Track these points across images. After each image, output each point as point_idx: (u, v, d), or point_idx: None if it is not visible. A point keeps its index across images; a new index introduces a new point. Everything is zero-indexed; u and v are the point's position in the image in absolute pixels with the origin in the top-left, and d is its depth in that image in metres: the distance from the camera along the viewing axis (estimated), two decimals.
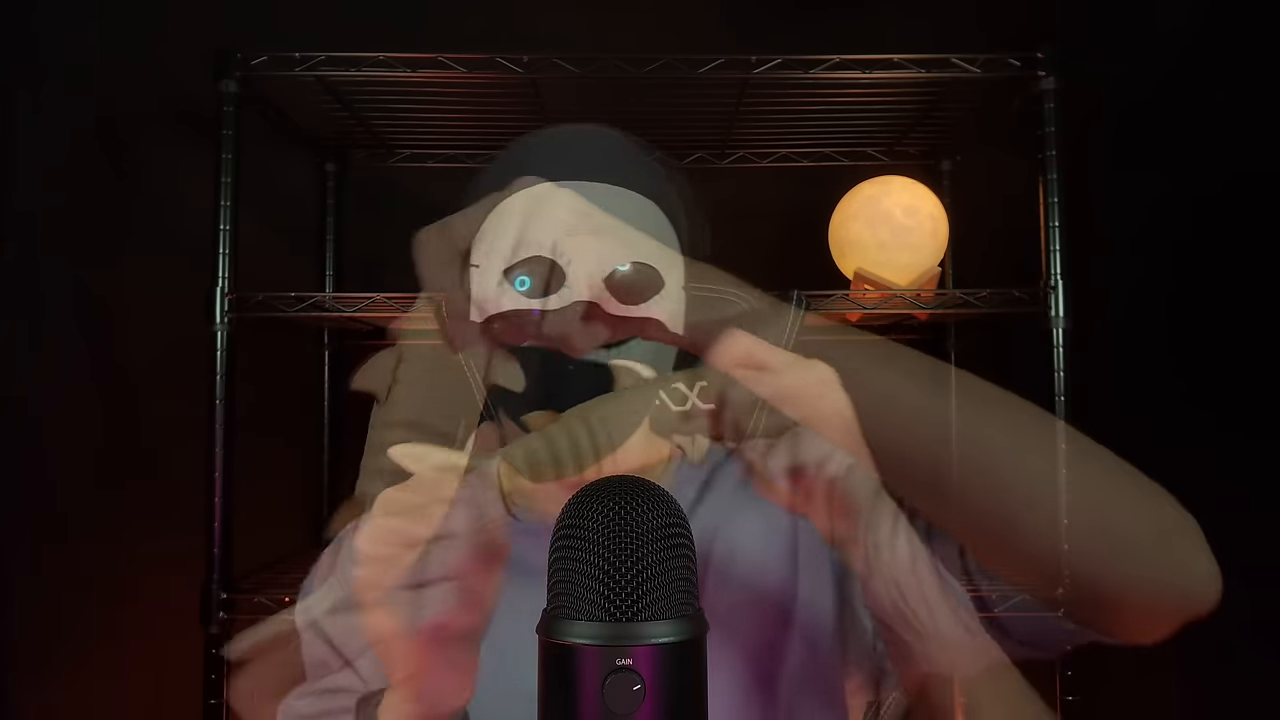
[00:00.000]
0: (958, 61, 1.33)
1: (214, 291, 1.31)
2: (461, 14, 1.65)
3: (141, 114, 1.64)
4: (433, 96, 1.44)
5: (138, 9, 1.60)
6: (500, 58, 1.32)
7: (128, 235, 1.62)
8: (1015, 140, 1.45)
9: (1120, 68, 1.62)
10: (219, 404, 1.31)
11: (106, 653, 1.56)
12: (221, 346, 1.31)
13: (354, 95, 1.45)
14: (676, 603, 0.47)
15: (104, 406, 1.62)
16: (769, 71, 1.33)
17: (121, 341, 1.62)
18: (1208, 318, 1.61)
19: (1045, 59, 1.34)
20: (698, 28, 1.69)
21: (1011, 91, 1.41)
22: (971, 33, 1.62)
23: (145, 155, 1.64)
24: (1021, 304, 1.35)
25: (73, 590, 1.56)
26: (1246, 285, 1.59)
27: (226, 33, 1.52)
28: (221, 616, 1.30)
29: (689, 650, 0.47)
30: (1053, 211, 1.34)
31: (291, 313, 1.32)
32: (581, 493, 0.50)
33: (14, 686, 1.55)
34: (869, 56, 1.33)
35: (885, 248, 1.40)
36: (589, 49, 1.34)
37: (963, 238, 1.56)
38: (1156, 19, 1.62)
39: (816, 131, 1.60)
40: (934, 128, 1.59)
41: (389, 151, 1.70)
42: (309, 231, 1.72)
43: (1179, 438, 1.40)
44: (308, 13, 1.63)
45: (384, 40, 1.39)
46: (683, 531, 0.49)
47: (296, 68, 1.32)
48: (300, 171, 1.71)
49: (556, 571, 0.48)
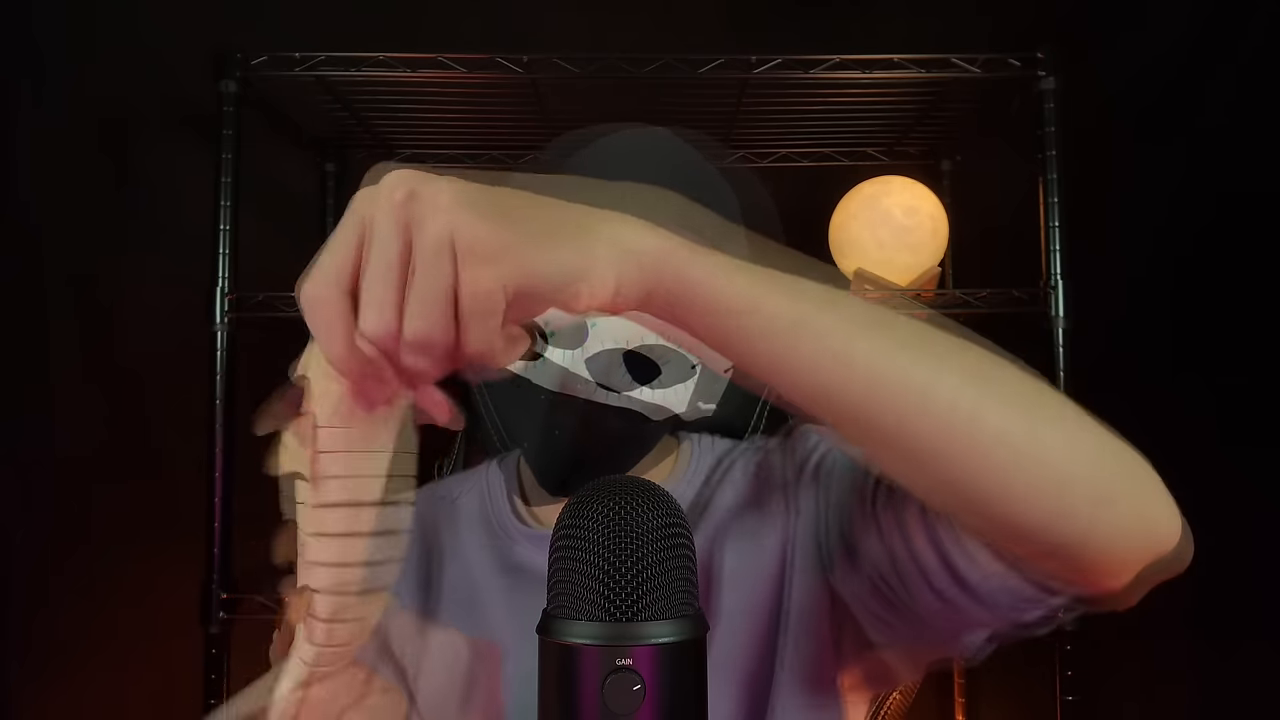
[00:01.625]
0: (958, 61, 1.34)
1: (214, 291, 1.31)
2: (461, 14, 1.64)
3: (141, 114, 1.64)
4: (433, 96, 1.44)
5: (138, 9, 1.60)
6: (500, 58, 1.32)
7: (128, 235, 1.62)
8: (1015, 140, 1.45)
9: (1121, 67, 1.62)
10: (219, 404, 1.31)
11: (106, 653, 1.56)
12: (221, 346, 1.31)
13: (354, 95, 1.45)
14: (676, 603, 0.47)
15: (104, 407, 1.62)
16: (769, 71, 1.33)
17: (122, 342, 1.62)
18: (1209, 317, 1.61)
19: (1045, 59, 1.34)
20: (698, 28, 1.69)
21: (1011, 91, 1.41)
22: (972, 33, 1.62)
23: (145, 155, 1.64)
24: (1021, 304, 1.35)
25: (73, 590, 1.56)
26: (1248, 285, 1.59)
27: (226, 33, 1.51)
28: (221, 616, 1.31)
29: (689, 650, 0.47)
30: (1053, 211, 1.35)
31: (291, 313, 1.32)
32: (582, 493, 0.50)
33: (14, 686, 1.54)
34: (869, 56, 1.33)
35: (885, 248, 1.40)
36: (589, 49, 1.34)
37: (963, 238, 1.56)
38: (1157, 19, 1.62)
39: (816, 131, 1.60)
40: (934, 128, 1.59)
41: (389, 151, 1.70)
42: (309, 231, 1.72)
43: (1179, 437, 1.39)
44: (308, 13, 1.63)
45: (384, 40, 1.39)
46: (683, 531, 0.49)
47: (296, 68, 1.32)
48: (300, 171, 1.71)
49: (556, 572, 0.48)
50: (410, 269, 0.43)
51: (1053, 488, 0.49)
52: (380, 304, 0.43)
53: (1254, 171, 1.58)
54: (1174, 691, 1.61)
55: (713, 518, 0.76)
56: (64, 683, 1.55)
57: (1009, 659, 0.67)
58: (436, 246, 0.42)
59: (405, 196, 0.44)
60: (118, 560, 1.57)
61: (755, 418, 0.88)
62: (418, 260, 0.43)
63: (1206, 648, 1.58)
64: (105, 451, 1.61)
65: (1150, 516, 0.51)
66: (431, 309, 0.42)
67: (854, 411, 0.49)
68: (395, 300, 0.43)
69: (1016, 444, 0.48)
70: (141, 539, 1.57)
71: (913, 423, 0.48)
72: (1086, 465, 0.50)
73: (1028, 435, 0.49)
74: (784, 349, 0.48)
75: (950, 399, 0.48)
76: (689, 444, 0.82)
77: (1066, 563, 0.52)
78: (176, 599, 1.43)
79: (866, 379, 0.48)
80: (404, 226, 0.43)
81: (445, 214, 0.43)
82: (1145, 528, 0.51)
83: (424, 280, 0.42)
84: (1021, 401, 0.50)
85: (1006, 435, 0.48)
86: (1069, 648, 1.33)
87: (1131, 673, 1.60)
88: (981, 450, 0.48)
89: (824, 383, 0.48)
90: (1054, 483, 0.49)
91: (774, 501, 0.74)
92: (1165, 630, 1.57)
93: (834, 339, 0.48)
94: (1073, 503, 0.49)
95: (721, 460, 0.81)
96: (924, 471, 0.51)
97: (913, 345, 0.49)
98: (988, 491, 0.49)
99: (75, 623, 1.56)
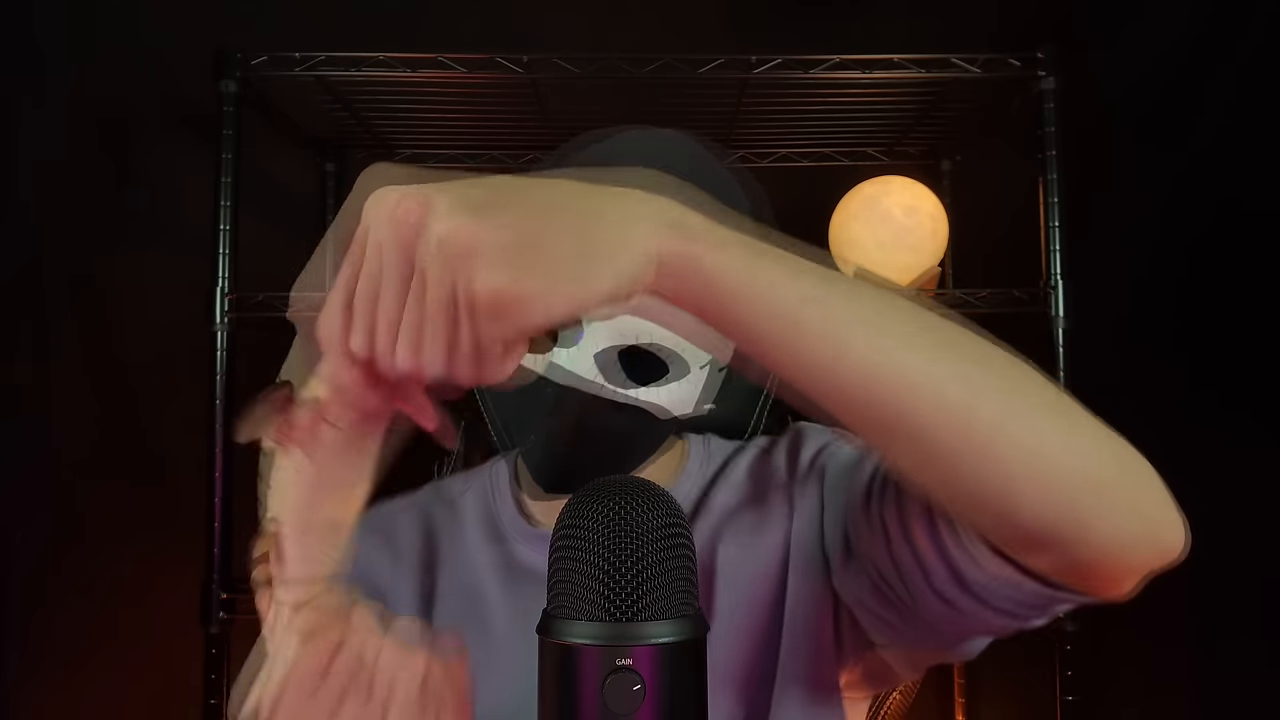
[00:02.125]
0: (958, 61, 1.33)
1: (214, 291, 1.31)
2: (461, 14, 1.64)
3: (141, 114, 1.64)
4: (433, 96, 1.44)
5: (138, 9, 1.60)
6: (500, 58, 1.32)
7: (128, 235, 1.62)
8: (1015, 140, 1.45)
9: (1121, 67, 1.62)
10: (219, 404, 1.31)
11: (106, 653, 1.56)
12: (221, 346, 1.31)
13: (354, 95, 1.45)
14: (676, 603, 0.47)
15: (105, 407, 1.62)
16: (769, 71, 1.33)
17: (122, 342, 1.62)
18: (1210, 317, 1.61)
19: (1045, 59, 1.34)
20: (698, 28, 1.69)
21: (1011, 91, 1.41)
22: (972, 33, 1.62)
23: (145, 155, 1.64)
24: (1021, 304, 1.35)
25: (72, 590, 1.56)
26: (1248, 284, 1.59)
27: (226, 33, 1.51)
28: (221, 616, 1.30)
29: (689, 650, 0.47)
30: (1053, 211, 1.34)
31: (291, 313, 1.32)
32: (581, 493, 0.50)
33: (13, 686, 1.54)
34: (869, 56, 1.33)
35: (885, 248, 1.40)
36: (589, 49, 1.34)
37: (963, 238, 1.56)
38: (1157, 18, 1.62)
39: (816, 131, 1.60)
40: (934, 128, 1.59)
41: (389, 151, 1.70)
42: (309, 231, 1.72)
43: (1180, 438, 1.39)
44: (308, 13, 1.63)
45: (384, 40, 1.39)
46: (683, 531, 0.49)
47: (296, 68, 1.32)
48: (300, 171, 1.71)
49: (556, 572, 0.48)
50: (418, 298, 0.43)
51: (1051, 480, 0.49)
52: (366, 333, 0.43)
53: (1254, 171, 1.58)
54: (1174, 691, 1.61)
55: (713, 516, 0.76)
56: (63, 683, 1.55)
57: (1009, 659, 0.67)
58: (442, 274, 0.42)
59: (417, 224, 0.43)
60: (117, 560, 1.57)
61: (756, 418, 0.87)
62: (415, 291, 0.43)
63: (1206, 648, 1.58)
64: (105, 451, 1.61)
65: (1150, 516, 0.51)
66: (429, 348, 0.43)
67: (851, 396, 0.49)
68: (387, 335, 0.43)
69: (1015, 435, 0.48)
70: (141, 539, 1.57)
71: (911, 411, 0.48)
72: (1086, 459, 0.50)
73: (1027, 427, 0.49)
74: (790, 327, 0.48)
75: (947, 387, 0.48)
76: (691, 444, 0.82)
77: (1068, 560, 0.52)
78: (176, 599, 1.43)
79: (864, 364, 0.48)
80: (406, 236, 0.43)
81: (463, 261, 0.42)
82: (1145, 527, 0.50)
83: (424, 316, 0.43)
84: (1023, 394, 0.50)
85: (1004, 426, 0.48)
86: (1069, 648, 1.33)
87: (1132, 673, 1.60)
88: (980, 440, 0.48)
89: (823, 365, 0.48)
90: (1052, 475, 0.49)
91: (774, 500, 0.74)
92: (1165, 631, 1.57)
93: (837, 321, 0.48)
94: (1073, 496, 0.49)
95: (723, 460, 0.80)
96: (926, 464, 0.51)
97: (915, 333, 0.49)
98: (987, 483, 0.49)
99: (75, 623, 1.56)
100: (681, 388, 0.72)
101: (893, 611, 0.64)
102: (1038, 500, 0.49)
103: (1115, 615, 0.56)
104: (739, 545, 0.73)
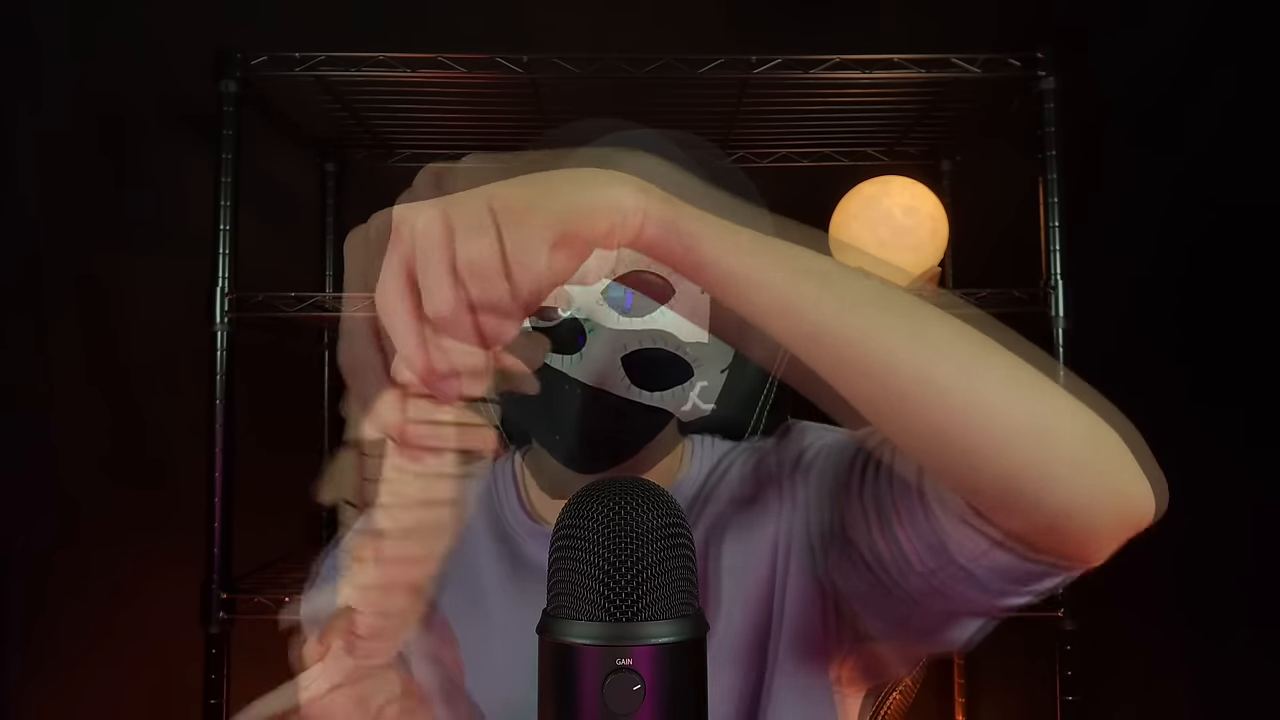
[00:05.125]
0: (958, 61, 1.34)
1: (214, 291, 1.31)
2: (461, 14, 1.65)
3: (141, 113, 1.64)
4: (433, 96, 1.44)
5: (138, 8, 1.60)
6: (500, 58, 1.32)
7: (128, 235, 1.62)
8: (1015, 140, 1.45)
9: (1121, 67, 1.62)
10: (219, 404, 1.31)
11: (106, 652, 1.56)
12: (221, 346, 1.31)
13: (354, 95, 1.45)
14: (676, 603, 0.47)
15: (105, 407, 1.62)
16: (769, 71, 1.33)
17: (123, 342, 1.62)
18: (1210, 316, 1.61)
19: (1045, 59, 1.34)
20: (698, 28, 1.69)
21: (1011, 91, 1.41)
22: (972, 33, 1.62)
23: (145, 155, 1.64)
24: (1021, 304, 1.35)
25: (73, 590, 1.56)
26: (1247, 283, 1.59)
27: (226, 32, 1.51)
28: (221, 616, 1.31)
29: (689, 650, 0.47)
30: (1053, 211, 1.34)
31: (291, 313, 1.32)
32: (581, 493, 0.50)
33: (14, 686, 1.54)
34: (869, 56, 1.33)
35: (885, 248, 1.40)
36: (589, 49, 1.34)
37: (963, 238, 1.56)
38: (1157, 18, 1.62)
39: (816, 131, 1.60)
40: (934, 128, 1.59)
41: (389, 151, 1.70)
42: (309, 231, 1.72)
43: (1181, 438, 1.39)
44: (307, 13, 1.63)
45: (384, 40, 1.39)
46: (683, 531, 0.49)
47: (296, 68, 1.32)
48: (300, 171, 1.71)
49: (556, 571, 0.48)
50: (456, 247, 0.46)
51: (1010, 434, 0.50)
52: (437, 284, 0.46)
53: (1253, 171, 1.58)
54: (1173, 691, 1.61)
55: (710, 513, 0.76)
56: (63, 682, 1.55)
57: (1009, 659, 0.67)
58: (477, 217, 0.46)
59: (434, 187, 0.48)
60: (117, 560, 1.57)
61: (755, 418, 0.88)
62: (459, 235, 0.46)
63: (1206, 647, 1.58)
64: (105, 451, 1.61)
65: (1116, 477, 0.52)
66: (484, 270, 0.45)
67: (814, 340, 0.51)
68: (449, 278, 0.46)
69: (975, 389, 0.50)
70: (141, 539, 1.57)
71: (864, 356, 0.51)
72: (1046, 418, 0.51)
73: (986, 383, 0.51)
74: (791, 294, 0.50)
75: (895, 336, 0.51)
76: (691, 444, 0.82)
77: (1032, 521, 0.53)
78: (176, 599, 1.42)
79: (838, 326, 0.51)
80: (442, 212, 0.46)
81: (477, 190, 0.47)
82: (1109, 487, 0.52)
83: (470, 248, 0.45)
84: (985, 355, 0.52)
85: (961, 381, 0.50)
86: (1069, 648, 1.33)
87: (1131, 672, 1.60)
88: (936, 389, 0.50)
89: (785, 310, 0.51)
90: (1011, 429, 0.50)
91: (768, 496, 0.75)
92: (1165, 630, 1.57)
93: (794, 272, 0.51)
94: (1031, 452, 0.50)
95: (721, 460, 0.81)
96: (907, 430, 0.53)
97: (871, 297, 0.52)
98: (948, 437, 0.51)
99: (75, 623, 1.56)
100: (688, 389, 0.72)
101: (881, 594, 0.64)
102: (996, 455, 0.51)
103: (1115, 615, 0.56)
104: (734, 538, 0.74)
